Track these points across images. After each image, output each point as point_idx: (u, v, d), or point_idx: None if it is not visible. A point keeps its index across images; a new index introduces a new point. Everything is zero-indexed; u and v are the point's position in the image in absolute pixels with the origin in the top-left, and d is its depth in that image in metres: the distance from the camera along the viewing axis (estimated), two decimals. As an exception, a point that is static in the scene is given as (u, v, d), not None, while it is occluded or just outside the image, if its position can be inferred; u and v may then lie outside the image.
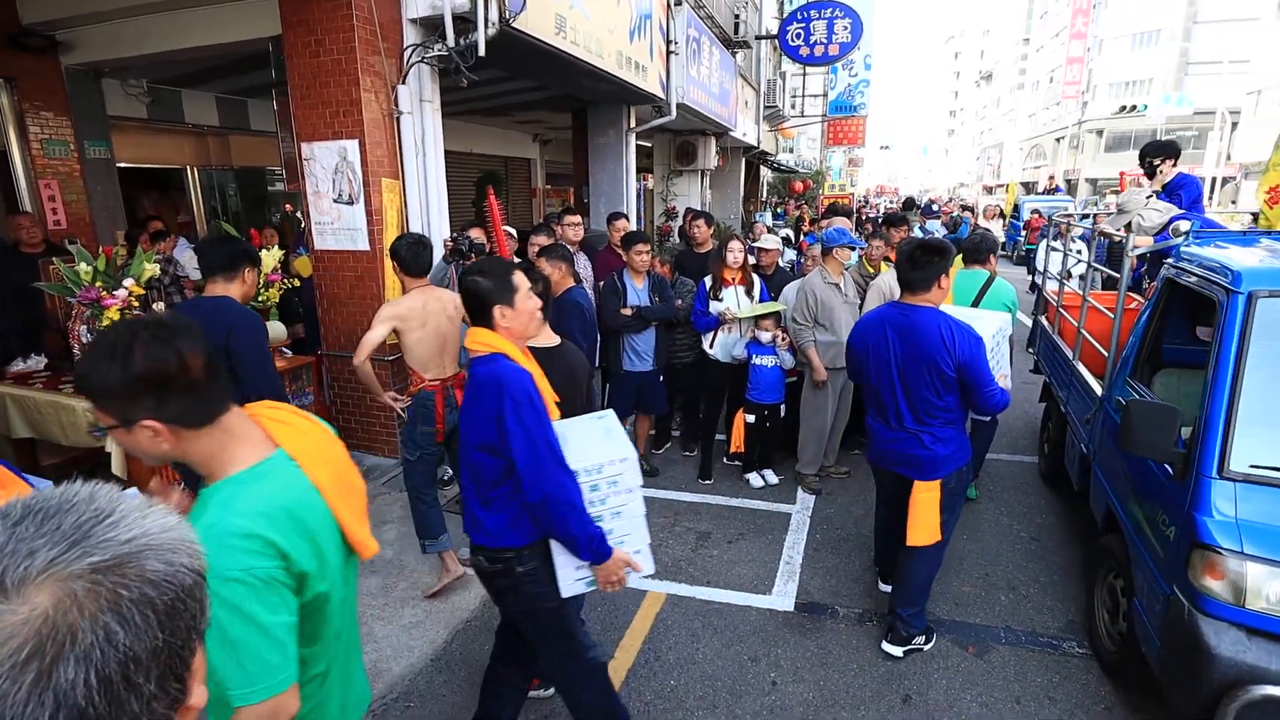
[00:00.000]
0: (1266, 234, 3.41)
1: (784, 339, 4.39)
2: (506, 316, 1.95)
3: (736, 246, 4.52)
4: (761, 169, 18.75)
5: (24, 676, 0.45)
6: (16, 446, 3.99)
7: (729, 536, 3.99)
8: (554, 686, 2.18)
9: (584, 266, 5.05)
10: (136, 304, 3.37)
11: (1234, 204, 21.28)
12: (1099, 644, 2.94)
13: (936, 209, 14.81)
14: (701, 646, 3.04)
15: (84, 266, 3.35)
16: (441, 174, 4.81)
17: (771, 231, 7.69)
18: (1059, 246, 5.38)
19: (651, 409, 4.71)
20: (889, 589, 3.34)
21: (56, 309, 4.02)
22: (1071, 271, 5.07)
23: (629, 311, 4.35)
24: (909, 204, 12.96)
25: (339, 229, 4.49)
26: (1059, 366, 4.36)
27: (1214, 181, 23.88)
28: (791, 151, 22.44)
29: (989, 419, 4.37)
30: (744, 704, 2.70)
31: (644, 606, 3.32)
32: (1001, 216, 14.64)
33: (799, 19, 12.29)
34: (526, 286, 2.01)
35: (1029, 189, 25.78)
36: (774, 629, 3.16)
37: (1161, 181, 4.84)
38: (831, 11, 12.00)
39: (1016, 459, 5.03)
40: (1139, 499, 2.65)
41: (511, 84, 6.98)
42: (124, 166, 6.62)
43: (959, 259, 4.56)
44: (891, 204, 23.97)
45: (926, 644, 3.02)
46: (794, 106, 17.95)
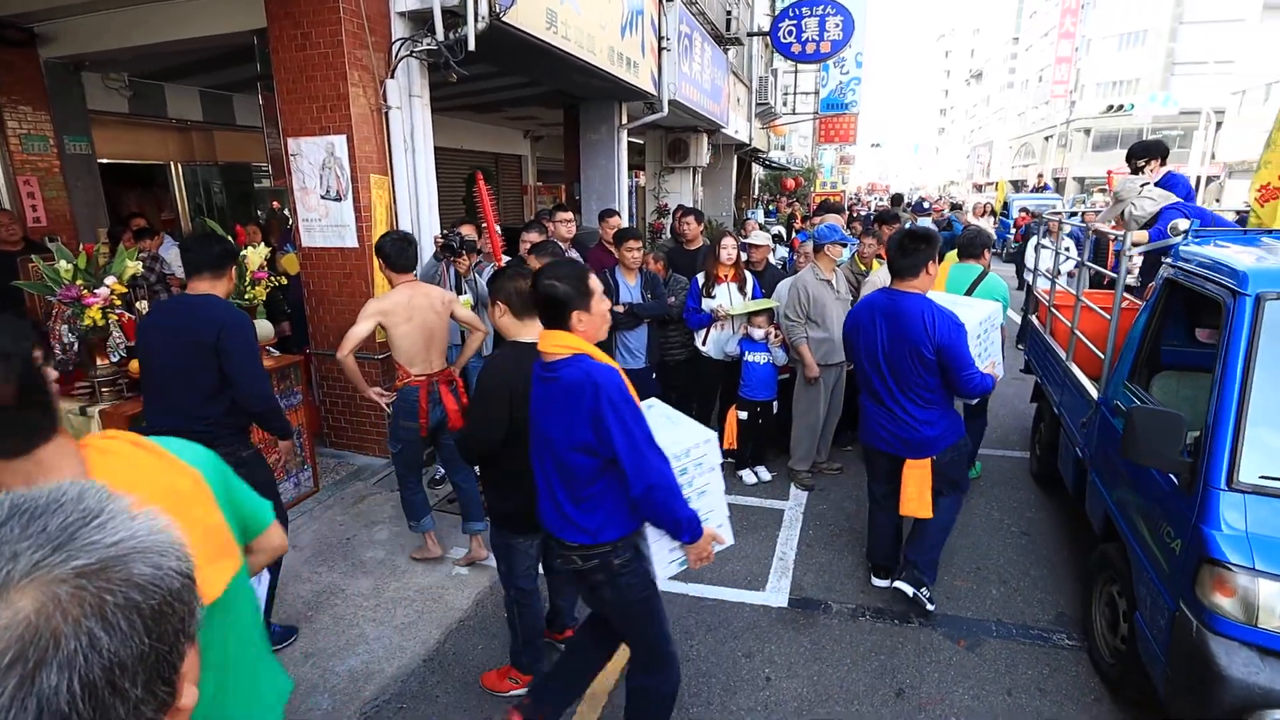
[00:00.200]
0: (1268, 233, 3.32)
1: (776, 336, 4.38)
2: (583, 321, 1.97)
3: (730, 243, 4.50)
4: (753, 166, 18.75)
5: (6, 682, 0.44)
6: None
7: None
8: (640, 678, 2.24)
9: (575, 263, 5.03)
10: (119, 302, 3.31)
11: (1218, 202, 21.54)
12: (1097, 655, 2.83)
13: (927, 206, 14.87)
14: (695, 643, 3.03)
15: (64, 265, 3.28)
16: (431, 170, 4.76)
17: (763, 229, 7.68)
18: (1048, 244, 5.40)
19: (643, 406, 4.69)
20: (883, 584, 3.39)
21: (37, 308, 3.94)
22: (1060, 269, 5.08)
23: (621, 308, 4.33)
24: (897, 200, 13.02)
25: (327, 226, 4.44)
26: (1051, 367, 4.28)
27: (1199, 180, 24.08)
28: (783, 149, 22.50)
29: (980, 417, 4.41)
30: (738, 700, 2.70)
31: (637, 604, 3.31)
32: (992, 214, 14.73)
33: (791, 16, 12.31)
34: (600, 289, 2.04)
35: (1018, 187, 25.95)
36: (767, 625, 3.15)
37: (1150, 181, 4.86)
38: (823, 9, 12.04)
39: (1006, 454, 5.06)
40: (1141, 508, 2.55)
41: (502, 80, 6.93)
42: (105, 162, 6.52)
43: (954, 253, 4.62)
44: (881, 201, 24.06)
45: (931, 603, 3.16)
46: (786, 104, 18.00)
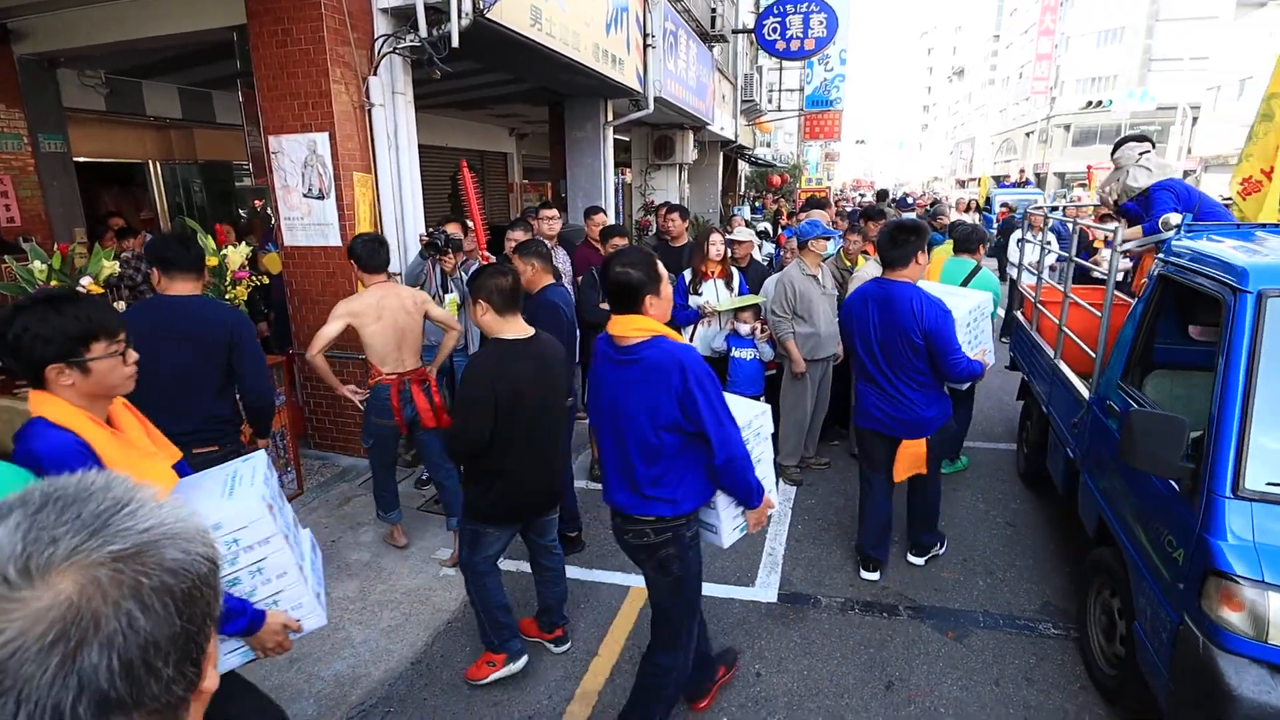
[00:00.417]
0: (1261, 227, 3.22)
1: (763, 331, 4.39)
2: (654, 305, 2.07)
3: (717, 239, 4.50)
4: (739, 163, 18.78)
5: (49, 660, 0.46)
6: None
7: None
8: (664, 656, 2.32)
9: (563, 261, 5.01)
10: (97, 302, 3.25)
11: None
12: (1093, 665, 2.73)
13: (911, 202, 14.97)
14: (685, 640, 3.04)
15: (38, 265, 3.23)
16: (415, 168, 4.72)
17: (749, 225, 7.70)
18: (1032, 239, 5.44)
19: (632, 403, 4.68)
20: (872, 576, 3.42)
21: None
22: (1043, 263, 5.12)
23: (606, 306, 4.31)
24: (882, 196, 13.11)
25: (309, 224, 4.39)
26: (1038, 364, 4.21)
27: (1176, 175, 24.44)
28: (769, 146, 22.57)
29: (965, 408, 4.46)
30: (729, 696, 2.70)
31: (627, 602, 3.30)
32: (978, 210, 14.85)
33: (775, 13, 12.35)
34: (666, 274, 2.13)
35: (999, 182, 26.23)
36: (757, 620, 3.16)
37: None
38: (807, 6, 12.09)
39: (991, 446, 5.11)
40: (1139, 514, 2.44)
41: (487, 77, 6.88)
42: (82, 161, 6.39)
43: (950, 247, 4.69)
44: (864, 197, 24.20)
45: (941, 549, 3.60)
46: (771, 101, 18.03)
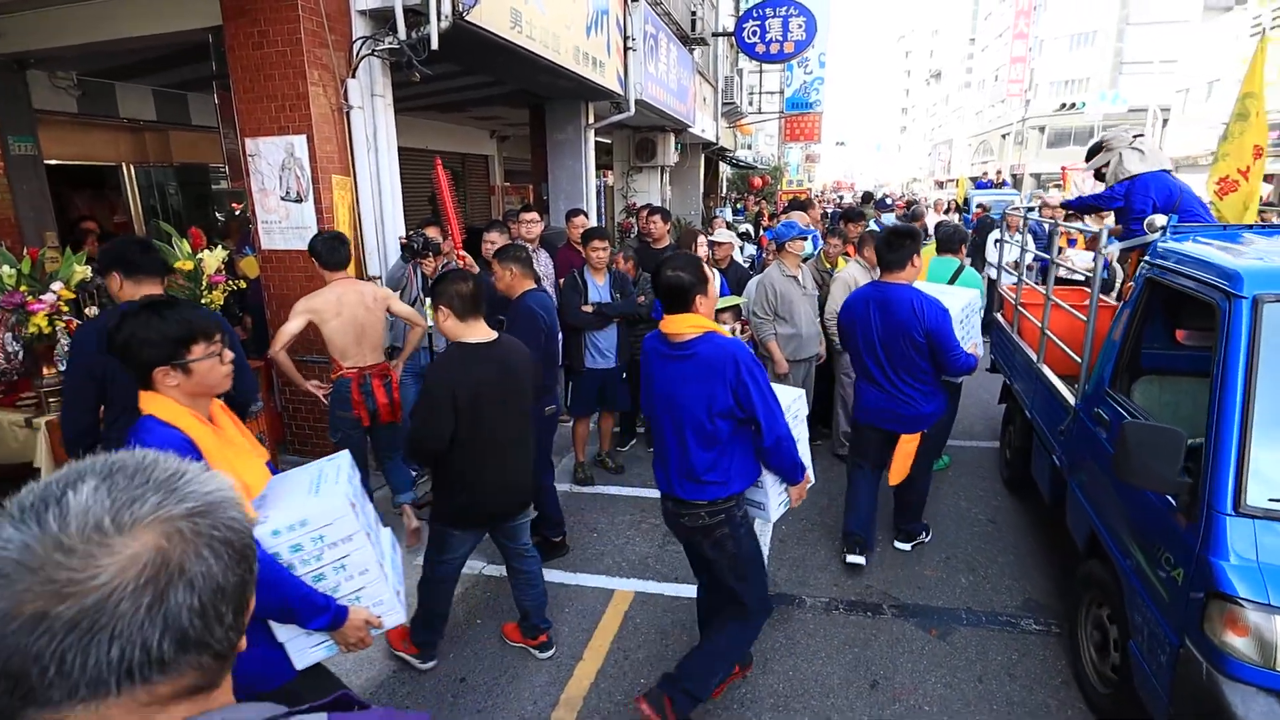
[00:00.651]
0: (1247, 228, 3.15)
1: (744, 332, 4.41)
2: (702, 304, 2.26)
3: (703, 241, 4.55)
4: (721, 165, 18.86)
5: (142, 599, 0.53)
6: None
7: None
8: (753, 620, 2.54)
9: (545, 264, 5.00)
10: (66, 309, 3.19)
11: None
12: (1086, 683, 2.63)
13: (890, 203, 15.13)
14: (671, 643, 3.03)
15: (7, 269, 3.15)
16: (395, 171, 4.68)
17: (730, 227, 7.74)
18: (1010, 239, 5.51)
19: (615, 406, 4.68)
20: (859, 560, 3.49)
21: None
22: (1019, 262, 5.17)
23: (590, 308, 4.31)
24: (867, 198, 13.23)
25: (287, 228, 4.33)
26: (1021, 369, 4.13)
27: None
28: (750, 148, 22.70)
29: (950, 409, 4.51)
30: (714, 699, 2.70)
31: (612, 605, 3.30)
32: (957, 210, 15.04)
33: (755, 17, 12.42)
34: (711, 275, 2.33)
35: (977, 183, 26.63)
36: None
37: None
38: (786, 10, 12.17)
39: (972, 444, 5.17)
40: (1133, 530, 2.34)
41: (467, 79, 6.84)
42: (53, 164, 6.25)
43: (933, 248, 4.75)
44: (843, 198, 24.41)
45: (927, 537, 3.77)
46: (751, 103, 18.15)
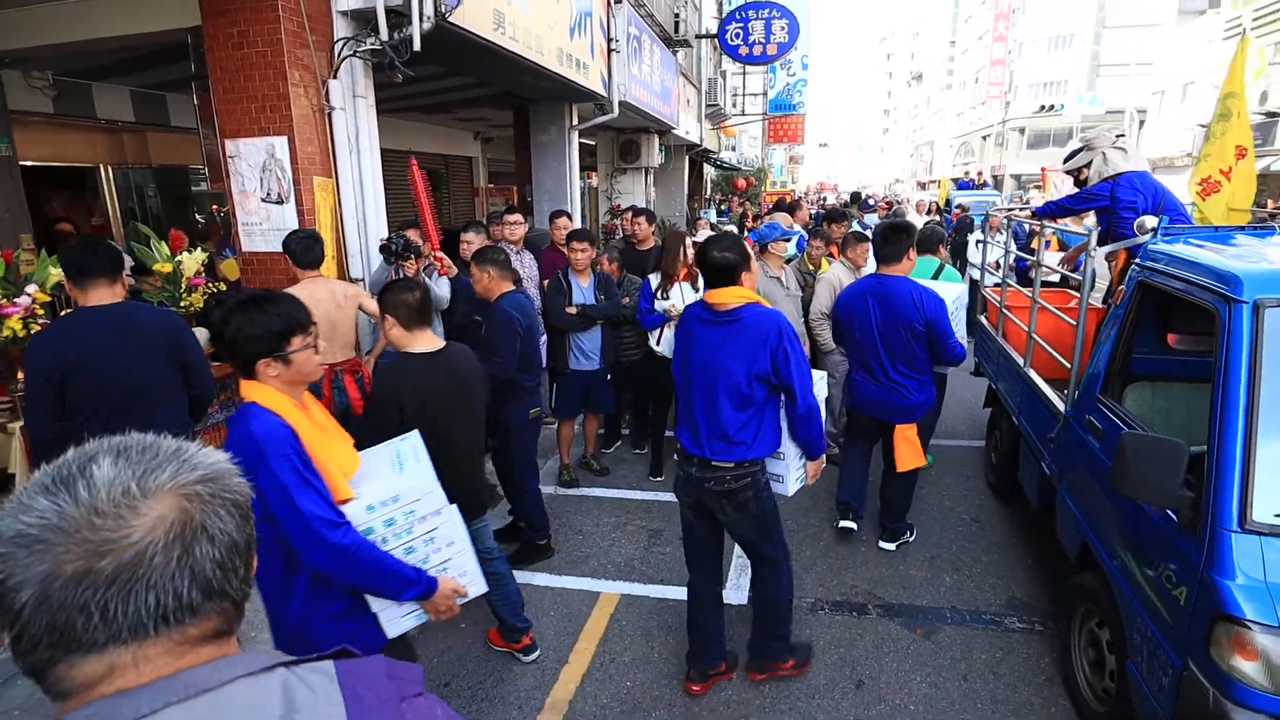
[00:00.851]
0: (1239, 229, 3.12)
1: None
2: (746, 279, 2.48)
3: (689, 243, 4.56)
4: (705, 167, 18.91)
5: (173, 553, 0.60)
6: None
7: (681, 534, 3.98)
8: (777, 588, 2.74)
9: (529, 265, 4.98)
10: (41, 312, 3.13)
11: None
12: (1080, 700, 2.57)
13: (873, 204, 15.26)
14: (656, 646, 3.04)
15: (-20, 273, 3.09)
16: (378, 172, 4.65)
17: (715, 228, 7.77)
18: (992, 240, 5.56)
19: (599, 407, 4.68)
20: (850, 525, 3.74)
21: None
22: (999, 263, 5.20)
23: (574, 310, 4.30)
24: (855, 198, 13.34)
25: (268, 230, 4.28)
26: (1007, 373, 4.06)
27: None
28: (734, 149, 22.76)
29: (935, 408, 4.57)
30: (700, 701, 2.71)
31: (597, 608, 3.29)
32: (939, 211, 15.19)
33: (738, 19, 12.48)
34: (753, 253, 2.66)
35: (958, 183, 26.94)
36: (728, 623, 3.16)
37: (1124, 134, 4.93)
38: (769, 12, 12.24)
39: (955, 443, 5.23)
40: (1130, 544, 2.24)
41: (450, 81, 6.80)
42: (29, 165, 6.14)
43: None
44: (826, 200, 24.55)
45: (911, 536, 3.85)
46: (735, 105, 18.22)
